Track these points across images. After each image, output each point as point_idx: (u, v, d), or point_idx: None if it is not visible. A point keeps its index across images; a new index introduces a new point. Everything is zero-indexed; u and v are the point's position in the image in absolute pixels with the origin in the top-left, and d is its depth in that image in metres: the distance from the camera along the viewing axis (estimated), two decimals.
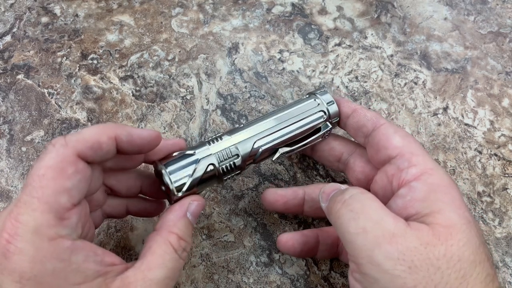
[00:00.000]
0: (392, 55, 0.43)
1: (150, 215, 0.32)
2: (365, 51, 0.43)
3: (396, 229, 0.23)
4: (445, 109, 0.40)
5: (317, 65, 0.42)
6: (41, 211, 0.21)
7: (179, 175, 0.27)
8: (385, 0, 0.46)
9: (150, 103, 0.39)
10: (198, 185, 0.27)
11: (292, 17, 0.45)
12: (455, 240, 0.22)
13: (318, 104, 0.31)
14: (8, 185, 0.36)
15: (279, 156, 0.31)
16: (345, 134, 0.36)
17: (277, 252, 0.33)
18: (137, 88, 0.40)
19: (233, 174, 0.29)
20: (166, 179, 0.27)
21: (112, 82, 0.40)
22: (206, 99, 0.40)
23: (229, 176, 0.29)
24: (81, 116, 0.39)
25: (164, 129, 0.38)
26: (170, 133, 0.38)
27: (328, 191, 0.27)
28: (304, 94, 0.33)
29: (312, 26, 0.44)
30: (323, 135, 0.32)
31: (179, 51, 0.42)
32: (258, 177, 0.36)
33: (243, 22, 0.44)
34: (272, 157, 0.31)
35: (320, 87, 0.32)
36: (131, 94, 0.40)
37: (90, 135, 0.23)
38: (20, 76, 0.41)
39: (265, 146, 0.30)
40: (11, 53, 0.42)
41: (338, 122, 0.32)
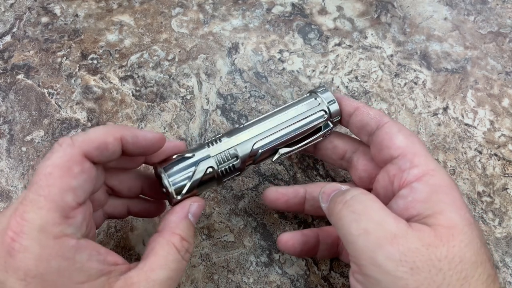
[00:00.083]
0: (392, 55, 0.43)
1: (151, 216, 0.32)
2: (365, 51, 0.43)
3: (398, 230, 0.23)
4: (445, 109, 0.40)
5: (317, 65, 0.42)
6: (47, 209, 0.21)
7: (178, 179, 0.27)
8: (385, 0, 0.46)
9: (150, 103, 0.39)
10: (198, 187, 0.28)
11: (292, 17, 0.45)
12: (457, 241, 0.22)
13: (319, 104, 0.31)
14: (8, 185, 0.36)
15: (279, 157, 0.31)
16: (347, 132, 0.36)
17: (277, 252, 0.33)
18: (137, 88, 0.40)
19: (233, 176, 0.29)
20: (166, 183, 0.27)
21: (112, 82, 0.40)
22: (206, 99, 0.40)
23: (229, 178, 0.29)
24: (81, 116, 0.39)
25: (164, 129, 0.38)
26: (170, 133, 0.38)
27: (328, 192, 0.27)
28: (305, 94, 0.33)
29: (312, 26, 0.44)
30: (324, 135, 0.31)
31: (179, 51, 0.42)
32: (258, 177, 0.36)
33: (243, 22, 0.44)
34: (272, 158, 0.31)
35: (321, 86, 0.32)
36: (131, 94, 0.40)
37: (97, 136, 0.23)
38: (20, 76, 0.41)
39: (265, 147, 0.30)
40: (11, 53, 0.42)
41: (340, 121, 0.32)
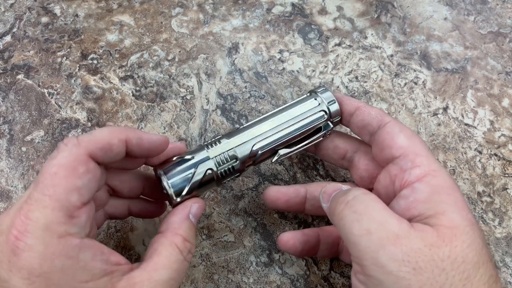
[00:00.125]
0: (392, 55, 0.43)
1: (152, 216, 0.33)
2: (365, 51, 0.43)
3: (400, 231, 0.23)
4: (445, 109, 0.40)
5: (317, 65, 0.42)
6: (52, 209, 0.21)
7: (178, 181, 0.27)
8: (385, 0, 0.46)
9: (150, 103, 0.39)
10: (197, 189, 0.28)
11: (292, 17, 0.45)
12: (459, 242, 0.22)
13: (319, 104, 0.31)
14: (8, 185, 0.36)
15: (279, 158, 0.30)
16: (348, 131, 0.36)
17: (277, 252, 0.33)
18: (137, 88, 0.40)
19: (232, 177, 0.29)
20: (166, 185, 0.27)
21: (112, 82, 0.40)
22: (206, 99, 0.40)
23: (228, 179, 0.29)
24: (81, 116, 0.39)
25: (164, 129, 0.38)
26: (170, 133, 0.38)
27: (329, 192, 0.27)
28: (305, 94, 0.33)
29: (312, 26, 0.44)
30: (324, 135, 0.31)
31: (179, 51, 0.42)
32: (258, 177, 0.36)
33: (243, 22, 0.44)
34: (272, 159, 0.31)
35: (320, 86, 0.32)
36: (131, 94, 0.40)
37: (102, 137, 0.24)
38: (20, 76, 0.41)
39: (265, 149, 0.30)
40: (11, 53, 0.42)
41: (340, 121, 0.32)
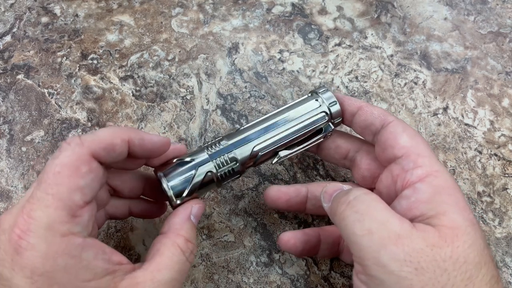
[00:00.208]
0: (392, 55, 0.43)
1: (152, 217, 0.33)
2: (365, 51, 0.43)
3: (402, 231, 0.22)
4: (445, 109, 0.40)
5: (317, 65, 0.42)
6: (55, 208, 0.21)
7: (178, 183, 0.27)
8: (385, 0, 0.46)
9: (150, 103, 0.39)
10: (197, 191, 0.28)
11: (292, 17, 0.45)
12: (461, 242, 0.22)
13: (320, 105, 0.30)
14: (8, 185, 0.36)
15: (279, 160, 0.30)
16: (349, 130, 0.36)
17: (277, 252, 0.33)
18: (137, 88, 0.40)
19: (232, 179, 0.29)
20: (165, 187, 0.27)
21: (112, 82, 0.40)
22: (206, 99, 0.40)
23: (228, 181, 0.29)
24: (81, 116, 0.39)
25: (164, 129, 0.38)
26: (170, 133, 0.38)
27: (330, 192, 0.27)
28: (305, 94, 0.33)
29: (312, 26, 0.44)
30: (325, 136, 0.31)
31: (179, 51, 0.42)
32: (258, 177, 0.36)
33: (243, 22, 0.44)
34: (272, 160, 0.31)
35: (321, 86, 0.32)
36: (131, 94, 0.40)
37: (105, 136, 0.24)
38: (20, 76, 0.41)
39: (265, 150, 0.29)
40: (11, 53, 0.42)
41: (342, 122, 0.31)
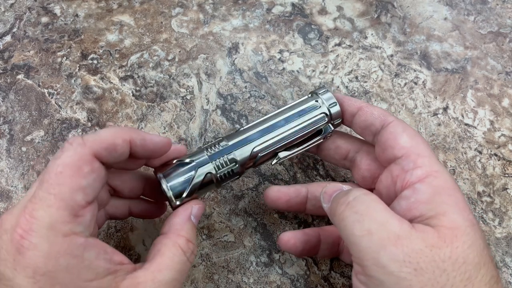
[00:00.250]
0: (392, 55, 0.43)
1: (152, 217, 0.33)
2: (365, 51, 0.43)
3: (401, 231, 0.22)
4: (445, 109, 0.40)
5: (317, 65, 0.42)
6: (57, 208, 0.21)
7: (178, 184, 0.27)
8: (385, 0, 0.46)
9: (150, 103, 0.39)
10: (197, 192, 0.28)
11: (292, 17, 0.45)
12: (460, 243, 0.22)
13: (320, 106, 0.30)
14: (8, 185, 0.36)
15: (278, 160, 0.30)
16: (349, 130, 0.36)
17: (277, 252, 0.33)
18: (137, 88, 0.40)
19: (232, 179, 0.29)
20: (165, 188, 0.27)
21: (112, 82, 0.40)
22: (206, 99, 0.40)
23: (228, 182, 0.29)
24: (81, 116, 0.39)
25: (164, 129, 0.38)
26: (170, 133, 0.38)
27: (330, 192, 0.27)
28: (305, 94, 0.33)
29: (312, 26, 0.44)
30: (325, 137, 0.31)
31: (179, 51, 0.42)
32: (258, 177, 0.36)
33: (243, 22, 0.44)
34: (272, 161, 0.31)
35: (321, 86, 0.32)
36: (131, 94, 0.40)
37: (107, 137, 0.24)
38: (20, 76, 0.41)
39: (264, 151, 0.29)
40: (11, 53, 0.42)
41: (341, 122, 0.31)
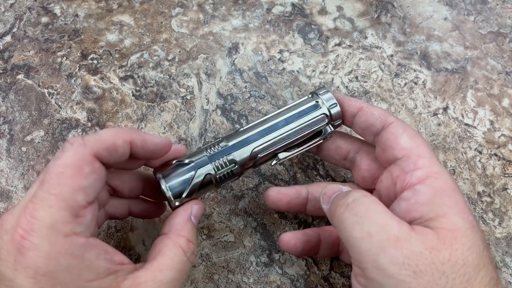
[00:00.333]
0: (392, 55, 0.43)
1: (152, 217, 0.33)
2: (365, 51, 0.43)
3: (401, 233, 0.22)
4: (445, 109, 0.40)
5: (317, 65, 0.42)
6: (58, 208, 0.21)
7: (177, 185, 0.27)
8: (385, 0, 0.46)
9: (150, 103, 0.39)
10: (196, 192, 0.28)
11: (292, 17, 0.45)
12: (460, 245, 0.22)
13: (320, 107, 0.30)
14: (8, 185, 0.36)
15: (278, 161, 0.30)
16: (348, 130, 0.36)
17: (277, 252, 0.33)
18: (137, 88, 0.40)
19: (232, 180, 0.30)
20: (164, 189, 0.27)
21: (112, 82, 0.40)
22: (206, 99, 0.40)
23: (227, 182, 0.29)
24: (81, 116, 0.39)
25: (164, 129, 0.38)
26: (170, 133, 0.38)
27: (330, 193, 0.27)
28: (305, 94, 0.33)
29: (312, 26, 0.44)
30: (324, 138, 0.31)
31: (179, 51, 0.42)
32: (258, 177, 0.36)
33: (243, 22, 0.44)
34: (271, 162, 0.31)
35: (321, 87, 0.32)
36: (131, 94, 0.40)
37: (107, 137, 0.24)
38: (20, 76, 0.41)
39: (264, 152, 0.29)
40: (11, 53, 0.42)
41: (342, 123, 0.31)
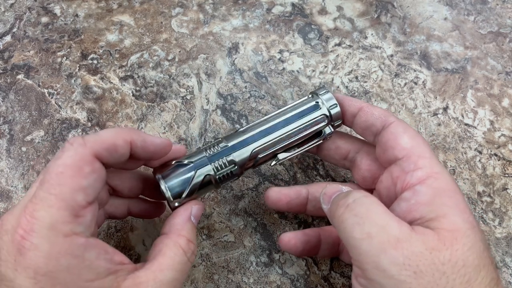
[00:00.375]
0: (392, 55, 0.43)
1: (151, 217, 0.33)
2: (365, 51, 0.43)
3: (401, 234, 0.22)
4: (445, 109, 0.40)
5: (317, 65, 0.42)
6: (58, 208, 0.21)
7: (176, 185, 0.27)
8: (385, 0, 0.46)
9: (150, 103, 0.39)
10: (196, 193, 0.28)
11: (292, 17, 0.45)
12: (460, 245, 0.22)
13: (320, 108, 0.30)
14: (8, 185, 0.36)
15: (278, 162, 0.30)
16: (348, 130, 0.36)
17: (277, 252, 0.33)
18: (137, 88, 0.40)
19: (231, 180, 0.30)
20: (164, 189, 0.27)
21: (112, 82, 0.40)
22: (206, 99, 0.40)
23: (227, 183, 0.29)
24: (81, 116, 0.39)
25: (164, 129, 0.38)
26: (170, 133, 0.38)
27: (330, 193, 0.27)
28: (305, 94, 0.33)
29: (312, 26, 0.44)
30: (324, 138, 0.31)
31: (179, 51, 0.42)
32: (258, 177, 0.36)
33: (243, 22, 0.44)
34: (271, 162, 0.31)
35: (321, 87, 0.32)
36: (131, 94, 0.40)
37: (107, 137, 0.24)
38: (20, 76, 0.41)
39: (264, 153, 0.29)
40: (11, 53, 0.42)
41: (341, 123, 0.31)
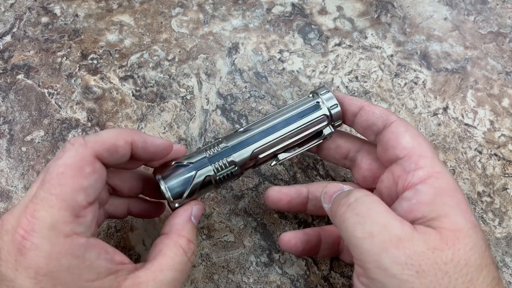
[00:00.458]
0: (392, 55, 0.43)
1: (151, 216, 0.33)
2: (365, 51, 0.43)
3: (403, 233, 0.22)
4: (445, 109, 0.40)
5: (317, 65, 0.42)
6: (58, 208, 0.21)
7: (176, 186, 0.27)
8: (385, 0, 0.46)
9: (150, 103, 0.39)
10: (196, 193, 0.28)
11: (292, 17, 0.45)
12: (462, 245, 0.22)
13: (320, 108, 0.30)
14: (8, 185, 0.36)
15: (278, 162, 0.30)
16: (349, 129, 0.36)
17: (277, 252, 0.33)
18: (137, 88, 0.40)
19: (231, 181, 0.30)
20: (164, 190, 0.27)
21: (112, 82, 0.40)
22: (206, 99, 0.40)
23: (227, 183, 0.30)
24: (81, 116, 0.39)
25: (164, 129, 0.38)
26: (170, 133, 0.38)
27: (331, 192, 0.27)
28: (305, 94, 0.33)
29: (312, 26, 0.44)
30: (324, 138, 0.31)
31: (179, 51, 0.42)
32: (258, 177, 0.36)
33: (243, 22, 0.44)
34: (271, 163, 0.31)
35: (322, 86, 0.32)
36: (131, 94, 0.40)
37: (108, 138, 0.24)
38: (20, 76, 0.41)
39: (264, 153, 0.29)
40: (11, 53, 0.42)
41: (342, 123, 0.31)
